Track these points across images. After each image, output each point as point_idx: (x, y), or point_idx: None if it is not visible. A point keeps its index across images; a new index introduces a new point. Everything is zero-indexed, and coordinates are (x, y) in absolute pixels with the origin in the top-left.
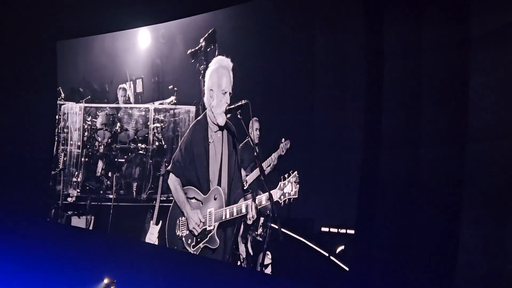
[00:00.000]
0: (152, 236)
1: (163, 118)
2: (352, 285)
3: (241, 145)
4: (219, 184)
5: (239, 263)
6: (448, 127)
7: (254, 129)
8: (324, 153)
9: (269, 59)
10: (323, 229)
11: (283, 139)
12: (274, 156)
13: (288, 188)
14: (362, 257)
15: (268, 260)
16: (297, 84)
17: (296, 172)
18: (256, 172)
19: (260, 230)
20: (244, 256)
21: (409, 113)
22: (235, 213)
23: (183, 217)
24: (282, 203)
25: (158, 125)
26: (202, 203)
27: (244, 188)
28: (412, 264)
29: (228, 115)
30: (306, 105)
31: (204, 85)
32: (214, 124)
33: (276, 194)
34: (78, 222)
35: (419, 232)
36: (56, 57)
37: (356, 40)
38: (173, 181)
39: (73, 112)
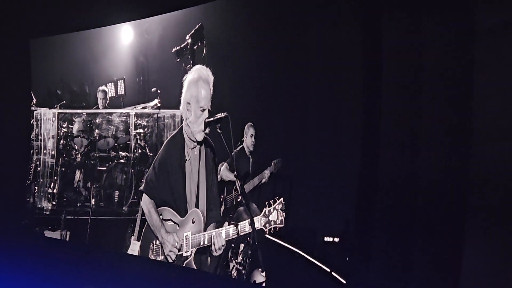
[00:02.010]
0: (133, 253)
1: (146, 124)
2: None
3: (234, 151)
4: (197, 205)
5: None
6: (450, 128)
7: (249, 135)
8: (321, 158)
9: (263, 56)
10: (326, 239)
11: (276, 160)
12: (266, 173)
13: (273, 215)
14: (360, 267)
15: (261, 277)
16: (291, 84)
17: (282, 199)
18: (249, 185)
19: (240, 258)
20: (235, 275)
21: (409, 114)
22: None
23: (157, 241)
24: (267, 231)
25: (140, 131)
26: (178, 226)
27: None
28: (413, 271)
29: (207, 130)
30: (301, 107)
31: (181, 95)
32: (191, 140)
33: (260, 221)
34: (53, 236)
35: (420, 239)
36: (30, 56)
37: (353, 35)
38: (146, 203)
39: (46, 119)
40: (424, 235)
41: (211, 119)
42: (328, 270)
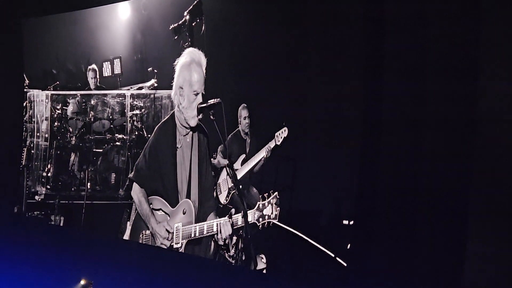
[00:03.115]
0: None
1: (142, 105)
2: (351, 281)
3: (229, 136)
4: (188, 195)
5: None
6: (456, 108)
7: (242, 118)
8: (323, 140)
9: (263, 34)
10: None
11: (280, 131)
12: (268, 147)
13: (268, 210)
14: (361, 251)
15: (262, 264)
16: (290, 62)
17: (276, 193)
18: (246, 167)
19: (232, 252)
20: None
21: (413, 95)
22: (205, 232)
23: (147, 231)
24: (260, 226)
25: (137, 112)
26: (169, 216)
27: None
28: (415, 257)
29: (200, 115)
30: (301, 86)
31: (173, 80)
32: (183, 126)
33: (254, 215)
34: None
35: (423, 223)
36: (22, 37)
37: (355, 9)
38: (136, 192)
39: (39, 100)
40: (427, 223)
41: (204, 105)
42: (333, 255)
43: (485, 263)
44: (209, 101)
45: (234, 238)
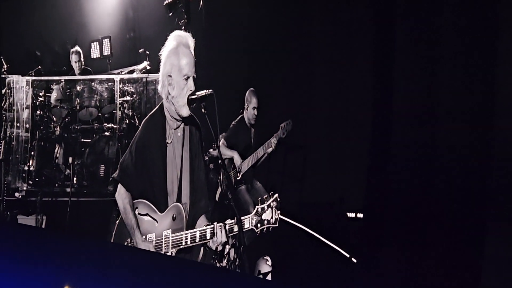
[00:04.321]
0: None
1: (133, 90)
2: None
3: (233, 123)
4: (179, 197)
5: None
6: (472, 100)
7: (251, 107)
8: (331, 129)
9: (266, 10)
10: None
11: (285, 123)
12: (273, 141)
13: (267, 214)
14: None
15: (267, 267)
16: (297, 44)
17: (277, 195)
18: (251, 159)
19: (224, 263)
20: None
21: (425, 85)
22: (197, 239)
23: (133, 240)
24: (259, 232)
25: (128, 98)
26: (157, 223)
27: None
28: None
29: (193, 105)
30: (308, 70)
31: (159, 70)
32: (174, 119)
33: (251, 220)
34: (26, 223)
35: (435, 216)
36: None
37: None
38: (122, 197)
39: (19, 87)
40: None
41: (194, 96)
42: (348, 255)
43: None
44: (200, 92)
45: (227, 247)
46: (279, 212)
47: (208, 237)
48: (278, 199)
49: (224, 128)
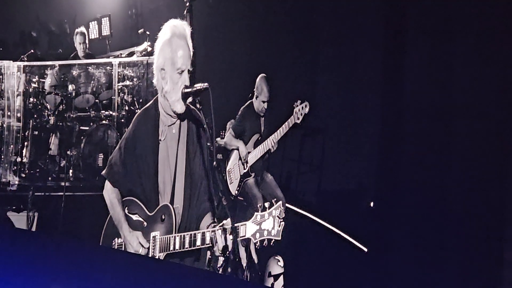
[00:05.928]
0: None
1: (133, 74)
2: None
3: (241, 109)
4: (172, 198)
5: (239, 272)
6: (489, 95)
7: (261, 99)
8: (344, 119)
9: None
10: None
11: (298, 102)
12: (284, 127)
13: (268, 223)
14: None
15: (279, 268)
16: (307, 27)
17: (281, 202)
18: (261, 150)
19: (220, 262)
20: (245, 265)
21: (440, 78)
22: (187, 244)
23: (120, 239)
24: (258, 243)
25: (127, 83)
26: (145, 223)
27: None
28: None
29: (189, 99)
30: (318, 57)
31: (153, 63)
32: (168, 115)
33: (249, 229)
34: (17, 220)
35: (447, 207)
36: None
37: None
38: (109, 192)
39: (10, 73)
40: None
41: (189, 90)
42: (366, 249)
43: None
44: (195, 86)
45: (221, 259)
46: (282, 223)
47: (198, 243)
48: (282, 207)
49: (230, 116)
